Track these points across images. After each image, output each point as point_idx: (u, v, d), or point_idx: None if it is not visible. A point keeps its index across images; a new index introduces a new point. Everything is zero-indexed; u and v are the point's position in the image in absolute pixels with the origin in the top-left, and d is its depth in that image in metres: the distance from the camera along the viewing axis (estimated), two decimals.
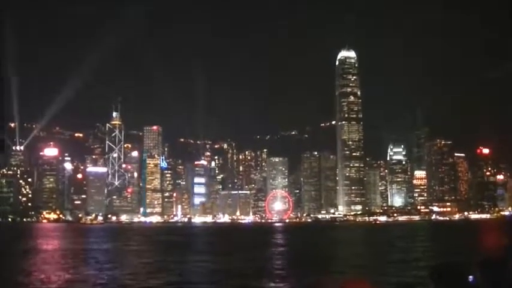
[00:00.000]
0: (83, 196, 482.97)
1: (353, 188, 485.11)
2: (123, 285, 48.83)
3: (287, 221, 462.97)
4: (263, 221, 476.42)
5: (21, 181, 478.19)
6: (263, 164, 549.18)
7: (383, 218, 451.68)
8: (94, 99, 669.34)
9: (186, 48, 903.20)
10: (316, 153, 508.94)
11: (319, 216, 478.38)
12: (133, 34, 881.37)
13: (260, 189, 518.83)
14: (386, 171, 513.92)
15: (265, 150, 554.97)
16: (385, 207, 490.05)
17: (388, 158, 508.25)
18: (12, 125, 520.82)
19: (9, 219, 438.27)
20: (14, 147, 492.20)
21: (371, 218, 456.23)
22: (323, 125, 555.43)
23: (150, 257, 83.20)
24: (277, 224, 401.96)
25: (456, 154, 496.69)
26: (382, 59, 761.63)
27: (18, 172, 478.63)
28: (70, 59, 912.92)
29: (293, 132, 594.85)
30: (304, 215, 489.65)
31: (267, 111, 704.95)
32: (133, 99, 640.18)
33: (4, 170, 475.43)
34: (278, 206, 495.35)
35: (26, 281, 52.73)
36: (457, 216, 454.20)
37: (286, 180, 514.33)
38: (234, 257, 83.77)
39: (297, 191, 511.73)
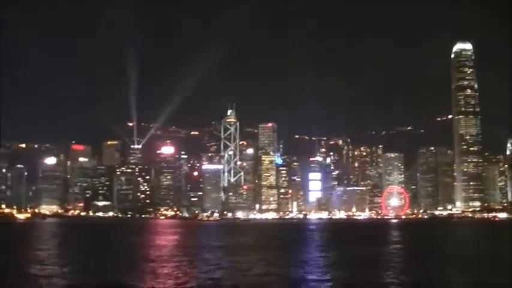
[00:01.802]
0: (199, 193, 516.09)
1: (471, 183, 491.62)
2: (237, 283, 51.86)
3: (403, 217, 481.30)
4: (379, 217, 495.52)
5: (139, 179, 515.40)
6: (378, 159, 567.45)
7: (502, 215, 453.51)
8: (209, 97, 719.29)
9: (299, 45, 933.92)
10: (432, 148, 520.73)
11: (436, 212, 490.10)
12: (247, 31, 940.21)
13: (376, 185, 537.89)
14: (505, 166, 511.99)
15: (380, 146, 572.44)
16: (505, 204, 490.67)
17: (507, 153, 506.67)
18: (130, 124, 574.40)
19: (129, 215, 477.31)
20: (132, 146, 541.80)
21: (490, 214, 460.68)
22: (439, 119, 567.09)
23: (267, 253, 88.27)
24: (393, 221, 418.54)
25: None
26: (499, 50, 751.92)
27: (137, 170, 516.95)
28: (184, 58, 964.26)
29: (409, 128, 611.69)
30: (421, 211, 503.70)
31: (381, 107, 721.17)
32: (248, 97, 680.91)
33: (123, 168, 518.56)
34: (394, 202, 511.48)
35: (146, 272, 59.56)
36: None
37: (402, 176, 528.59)
38: (347, 253, 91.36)
39: (413, 186, 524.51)
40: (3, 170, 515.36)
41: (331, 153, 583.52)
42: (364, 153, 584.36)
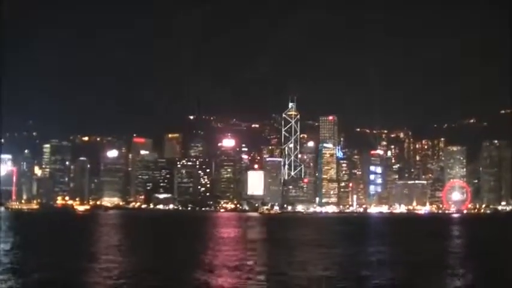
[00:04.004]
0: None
1: None
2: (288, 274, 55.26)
3: (465, 212, 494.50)
4: (440, 211, 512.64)
5: (200, 171, 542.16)
6: (440, 153, 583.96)
7: None
8: (270, 90, 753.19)
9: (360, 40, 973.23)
10: (496, 141, 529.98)
11: (499, 207, 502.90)
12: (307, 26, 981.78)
13: (437, 179, 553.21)
14: None
15: (442, 139, 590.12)
16: None
17: None
18: (191, 117, 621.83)
19: (189, 208, 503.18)
20: (193, 139, 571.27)
21: None
22: (503, 112, 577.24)
23: (327, 247, 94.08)
24: (454, 215, 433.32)
25: None
26: None
27: (197, 163, 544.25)
28: (245, 53, 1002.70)
29: (472, 120, 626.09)
30: (483, 206, 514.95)
31: (443, 99, 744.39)
32: (309, 89, 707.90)
33: (184, 161, 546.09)
34: (456, 197, 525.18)
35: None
36: None
37: (465, 170, 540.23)
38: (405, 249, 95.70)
39: (476, 181, 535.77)
40: (67, 163, 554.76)
41: (392, 147, 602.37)
42: (426, 147, 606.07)
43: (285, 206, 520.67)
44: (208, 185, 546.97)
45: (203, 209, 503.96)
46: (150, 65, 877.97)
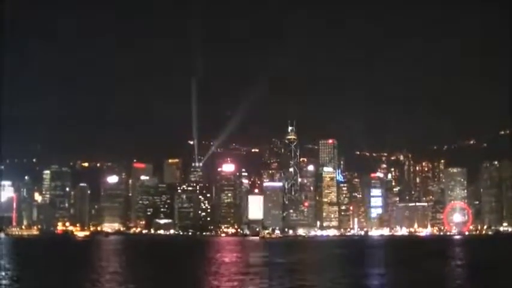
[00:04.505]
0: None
1: None
2: None
3: (466, 233, 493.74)
4: (441, 233, 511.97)
5: (200, 196, 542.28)
6: (440, 175, 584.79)
7: None
8: (269, 114, 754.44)
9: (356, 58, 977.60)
10: (496, 162, 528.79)
11: (501, 228, 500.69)
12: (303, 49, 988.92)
13: (438, 201, 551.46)
14: None
15: (442, 160, 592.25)
16: None
17: None
18: (191, 142, 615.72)
19: (190, 233, 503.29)
20: (193, 164, 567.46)
21: None
22: (502, 132, 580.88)
23: (330, 271, 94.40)
24: (456, 237, 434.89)
25: None
26: None
27: (197, 188, 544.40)
28: (242, 78, 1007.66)
29: (471, 142, 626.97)
30: (485, 227, 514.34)
31: (442, 121, 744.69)
32: (307, 114, 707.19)
33: (184, 186, 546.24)
34: (457, 218, 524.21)
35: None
36: None
37: (465, 191, 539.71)
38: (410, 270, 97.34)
39: (477, 202, 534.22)
40: (67, 189, 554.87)
41: (392, 169, 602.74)
42: (426, 169, 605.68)
43: (286, 230, 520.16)
44: (208, 210, 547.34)
45: (204, 233, 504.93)
46: (149, 89, 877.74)
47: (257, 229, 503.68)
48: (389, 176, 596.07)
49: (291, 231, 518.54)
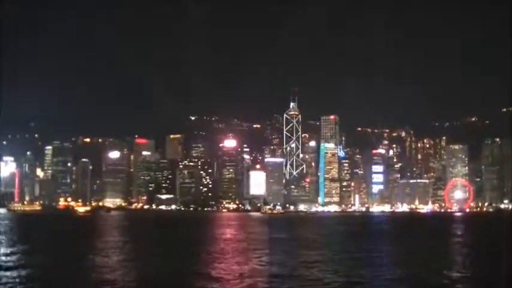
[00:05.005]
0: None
1: None
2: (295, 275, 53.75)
3: (467, 210, 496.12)
4: (442, 210, 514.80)
5: (202, 172, 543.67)
6: (442, 151, 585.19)
7: None
8: (271, 90, 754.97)
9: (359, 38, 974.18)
10: (498, 139, 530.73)
11: (502, 206, 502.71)
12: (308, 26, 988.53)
13: (439, 178, 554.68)
14: None
15: (444, 137, 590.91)
16: None
17: None
18: (193, 118, 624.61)
19: (191, 209, 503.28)
20: (194, 140, 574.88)
21: None
22: (505, 110, 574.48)
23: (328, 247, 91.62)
24: (457, 214, 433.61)
25: None
26: None
27: (199, 163, 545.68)
28: (246, 54, 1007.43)
29: (473, 119, 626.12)
30: (486, 204, 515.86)
31: (445, 98, 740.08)
32: (309, 89, 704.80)
33: (186, 162, 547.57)
34: (458, 195, 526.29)
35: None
36: None
37: (467, 168, 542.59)
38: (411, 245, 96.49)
39: (478, 179, 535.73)
40: (69, 164, 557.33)
41: (394, 146, 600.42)
42: (427, 145, 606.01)
43: (287, 205, 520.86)
44: (210, 186, 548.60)
45: (205, 209, 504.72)
46: (150, 65, 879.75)
47: (258, 205, 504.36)
48: (391, 152, 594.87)
49: (292, 207, 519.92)
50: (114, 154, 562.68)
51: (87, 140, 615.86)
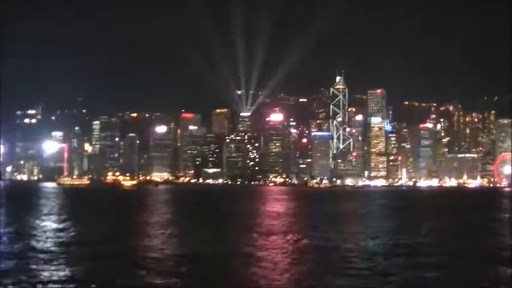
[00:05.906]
0: (308, 160, 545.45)
1: None
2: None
3: None
4: (491, 185, 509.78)
5: (248, 146, 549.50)
6: (491, 126, 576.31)
7: None
8: (318, 64, 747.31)
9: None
10: None
11: None
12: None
13: (488, 153, 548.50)
14: None
15: (493, 111, 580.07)
16: None
17: None
18: (239, 92, 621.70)
19: (238, 183, 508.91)
20: (241, 114, 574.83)
21: None
22: None
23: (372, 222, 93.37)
24: (506, 189, 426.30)
25: None
26: None
27: (246, 137, 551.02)
28: (294, 26, 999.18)
29: None
30: None
31: (495, 71, 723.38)
32: (356, 63, 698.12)
33: (232, 136, 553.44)
34: (507, 170, 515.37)
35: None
36: None
37: None
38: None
39: None
40: (116, 139, 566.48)
41: (442, 120, 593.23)
42: (476, 120, 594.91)
43: (334, 179, 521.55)
44: (256, 159, 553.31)
45: (252, 183, 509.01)
46: (197, 39, 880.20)
47: (305, 179, 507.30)
48: (439, 126, 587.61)
49: (338, 181, 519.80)
50: (161, 129, 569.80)
51: (134, 115, 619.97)
